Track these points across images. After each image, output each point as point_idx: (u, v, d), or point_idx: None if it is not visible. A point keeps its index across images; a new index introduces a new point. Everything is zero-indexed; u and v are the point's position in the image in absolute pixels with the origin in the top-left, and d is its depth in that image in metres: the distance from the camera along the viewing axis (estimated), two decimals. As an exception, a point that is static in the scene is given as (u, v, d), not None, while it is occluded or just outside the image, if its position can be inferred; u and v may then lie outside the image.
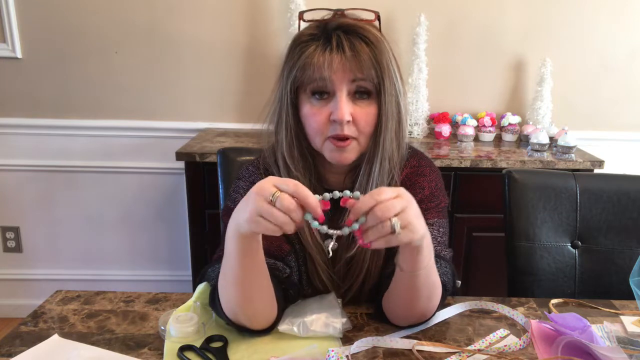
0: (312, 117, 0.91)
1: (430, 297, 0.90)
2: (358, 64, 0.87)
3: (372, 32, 0.90)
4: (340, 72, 0.87)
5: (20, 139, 2.30)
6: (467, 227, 2.03)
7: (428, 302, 0.90)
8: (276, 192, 0.73)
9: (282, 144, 0.96)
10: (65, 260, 2.46)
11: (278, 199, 0.72)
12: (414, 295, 0.88)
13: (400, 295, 0.91)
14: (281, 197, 0.72)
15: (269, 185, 0.74)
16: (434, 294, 0.90)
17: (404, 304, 0.91)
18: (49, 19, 2.18)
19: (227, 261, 0.84)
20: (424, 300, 0.89)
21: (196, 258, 2.04)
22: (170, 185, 2.36)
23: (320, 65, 0.87)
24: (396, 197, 0.75)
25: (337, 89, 0.88)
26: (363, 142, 0.93)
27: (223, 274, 0.87)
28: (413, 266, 0.83)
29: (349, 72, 0.88)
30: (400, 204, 0.75)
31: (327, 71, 0.87)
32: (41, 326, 0.94)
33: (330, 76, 0.87)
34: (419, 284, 0.86)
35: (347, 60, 0.87)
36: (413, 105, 2.19)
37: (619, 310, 1.03)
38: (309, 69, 0.88)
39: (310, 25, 0.93)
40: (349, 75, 0.88)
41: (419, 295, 0.88)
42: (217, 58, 2.25)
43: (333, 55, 0.87)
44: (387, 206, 0.73)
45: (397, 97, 0.92)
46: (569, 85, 2.30)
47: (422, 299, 0.89)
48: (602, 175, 1.45)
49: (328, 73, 0.87)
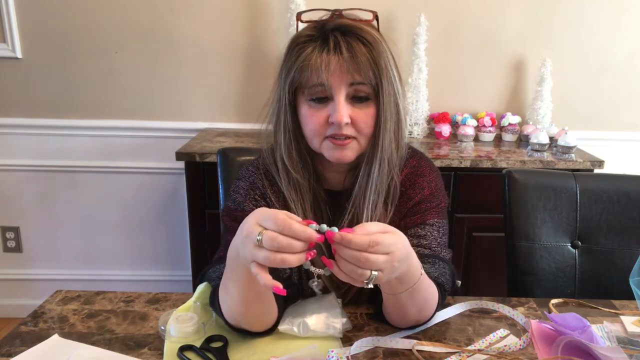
0: (311, 119, 0.91)
1: (420, 311, 0.91)
2: (356, 65, 0.87)
3: (369, 33, 0.89)
4: (337, 73, 0.87)
5: (20, 139, 2.30)
6: (467, 227, 2.03)
7: (418, 315, 0.91)
8: (260, 232, 0.69)
9: (281, 145, 0.95)
10: (65, 260, 2.46)
11: (263, 238, 0.68)
12: (402, 311, 0.90)
13: (389, 310, 0.92)
14: (266, 237, 0.68)
15: (253, 226, 0.70)
16: (425, 308, 0.91)
17: (395, 317, 0.93)
18: (49, 19, 2.18)
19: (229, 276, 0.83)
20: (413, 314, 0.91)
21: (196, 258, 2.04)
22: (170, 185, 2.36)
23: (318, 67, 0.86)
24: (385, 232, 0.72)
25: (335, 93, 0.88)
26: (363, 142, 0.93)
27: (225, 287, 0.86)
28: (393, 291, 0.84)
29: (346, 74, 0.87)
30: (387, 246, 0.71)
31: (325, 73, 0.86)
32: (41, 326, 0.94)
33: (328, 79, 0.87)
34: (404, 303, 0.87)
35: (345, 62, 0.87)
36: (413, 105, 2.19)
37: (619, 310, 1.03)
38: (306, 70, 0.88)
39: (308, 26, 0.93)
40: (347, 77, 0.87)
41: (407, 311, 0.89)
42: (217, 58, 2.25)
43: (330, 57, 0.86)
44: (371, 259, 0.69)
45: (395, 98, 0.92)
46: (569, 85, 2.30)
47: (411, 313, 0.90)
48: (602, 175, 1.45)
49: (326, 75, 0.86)
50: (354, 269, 0.70)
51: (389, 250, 0.71)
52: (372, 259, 0.70)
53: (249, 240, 0.70)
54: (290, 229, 0.68)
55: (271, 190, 0.99)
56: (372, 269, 0.70)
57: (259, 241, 0.69)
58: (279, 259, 0.68)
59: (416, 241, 0.97)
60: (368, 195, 0.95)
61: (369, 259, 0.69)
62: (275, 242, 0.67)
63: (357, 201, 0.96)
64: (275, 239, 0.67)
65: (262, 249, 0.69)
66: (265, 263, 0.69)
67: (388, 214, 0.98)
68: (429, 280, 0.89)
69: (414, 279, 0.82)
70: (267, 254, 0.68)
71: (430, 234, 0.98)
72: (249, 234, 0.70)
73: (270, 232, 0.68)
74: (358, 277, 0.71)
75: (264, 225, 0.70)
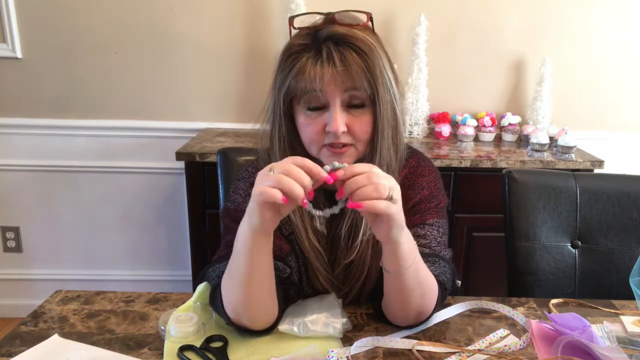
0: (307, 128, 0.91)
1: (423, 294, 0.89)
2: (349, 76, 0.86)
3: (363, 41, 0.88)
4: (332, 84, 0.86)
5: (20, 139, 2.30)
6: (467, 227, 2.03)
7: (422, 299, 0.90)
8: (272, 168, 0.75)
9: (276, 154, 0.95)
10: (65, 260, 2.46)
11: (275, 167, 0.74)
12: (405, 295, 0.88)
13: (392, 296, 0.91)
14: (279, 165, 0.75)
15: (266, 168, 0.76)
16: (428, 290, 0.90)
17: (397, 305, 0.92)
18: (49, 19, 2.18)
19: (235, 261, 0.84)
20: (417, 298, 0.89)
21: (196, 258, 2.04)
22: (170, 185, 2.36)
23: (312, 79, 0.86)
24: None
25: (330, 102, 0.88)
26: (360, 148, 0.93)
27: (229, 275, 0.86)
28: (397, 265, 0.84)
29: (340, 84, 0.87)
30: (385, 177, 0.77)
31: (319, 85, 0.86)
32: (41, 326, 0.94)
33: (323, 89, 0.86)
34: (407, 283, 0.86)
35: (339, 74, 0.86)
36: (413, 105, 2.19)
37: (619, 310, 1.03)
38: (301, 82, 0.87)
39: (300, 33, 0.91)
40: (342, 87, 0.87)
41: (410, 294, 0.88)
42: (217, 58, 2.25)
43: (325, 69, 0.86)
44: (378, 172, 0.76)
45: (392, 104, 0.91)
46: (569, 85, 2.30)
47: (415, 297, 0.89)
48: (602, 175, 1.45)
49: (320, 86, 0.86)
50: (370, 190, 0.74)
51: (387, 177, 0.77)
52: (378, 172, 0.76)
53: (261, 175, 0.75)
54: (302, 162, 0.74)
55: (271, 190, 0.99)
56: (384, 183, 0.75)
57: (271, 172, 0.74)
58: (287, 182, 0.72)
59: (416, 241, 0.96)
60: None
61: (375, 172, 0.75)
62: (287, 168, 0.73)
63: None
64: (287, 166, 0.74)
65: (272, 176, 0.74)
66: (274, 185, 0.73)
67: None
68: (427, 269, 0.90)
69: (413, 250, 0.85)
70: (278, 176, 0.73)
71: (430, 233, 0.98)
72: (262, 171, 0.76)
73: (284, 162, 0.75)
74: (378, 193, 0.74)
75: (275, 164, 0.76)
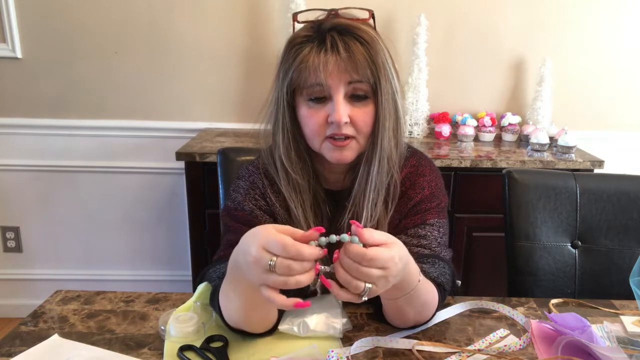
0: (310, 119, 0.91)
1: (419, 313, 0.91)
2: (353, 64, 0.87)
3: (366, 32, 0.89)
4: (335, 73, 0.87)
5: (20, 139, 2.30)
6: (467, 227, 2.03)
7: (417, 317, 0.92)
8: (272, 259, 0.68)
9: (279, 146, 0.95)
10: (65, 260, 2.46)
11: (277, 266, 0.68)
12: (401, 313, 0.90)
13: (388, 312, 0.93)
14: (280, 265, 0.68)
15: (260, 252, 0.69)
16: (424, 310, 0.91)
17: (394, 319, 0.94)
18: (49, 19, 2.18)
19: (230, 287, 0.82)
20: (411, 317, 0.91)
21: (196, 258, 2.04)
22: (170, 185, 2.36)
23: (316, 67, 0.86)
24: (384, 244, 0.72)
25: (333, 92, 0.88)
26: (362, 141, 0.93)
27: (225, 294, 0.85)
28: (390, 297, 0.84)
29: (344, 73, 0.87)
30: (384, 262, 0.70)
31: (323, 73, 0.86)
32: (41, 326, 0.94)
33: (326, 79, 0.86)
34: (402, 307, 0.87)
35: (342, 61, 0.86)
36: (413, 105, 2.19)
37: (619, 310, 1.03)
38: (304, 71, 0.88)
39: (304, 26, 0.93)
40: (345, 77, 0.87)
41: (405, 314, 0.90)
42: (217, 58, 2.25)
43: (328, 57, 0.86)
44: (367, 273, 0.69)
45: (394, 96, 0.92)
46: (569, 85, 2.30)
47: (410, 316, 0.91)
48: (602, 175, 1.45)
49: (323, 75, 0.86)
50: (350, 281, 0.70)
51: (385, 265, 0.71)
52: (365, 272, 0.70)
53: (259, 266, 0.69)
54: (301, 256, 0.68)
55: (271, 189, 0.99)
56: (367, 282, 0.70)
57: (270, 267, 0.68)
58: (294, 281, 0.69)
59: (416, 241, 0.97)
60: (368, 193, 0.95)
61: (362, 271, 0.70)
62: (290, 268, 0.68)
63: (356, 200, 0.96)
64: (289, 266, 0.68)
65: (274, 274, 0.69)
66: (280, 287, 0.70)
67: (388, 212, 0.98)
68: (429, 284, 0.89)
69: (410, 286, 0.82)
70: (283, 279, 0.69)
71: (431, 234, 0.98)
72: (257, 260, 0.69)
73: (283, 259, 0.68)
74: (353, 289, 0.71)
75: (271, 251, 0.69)
